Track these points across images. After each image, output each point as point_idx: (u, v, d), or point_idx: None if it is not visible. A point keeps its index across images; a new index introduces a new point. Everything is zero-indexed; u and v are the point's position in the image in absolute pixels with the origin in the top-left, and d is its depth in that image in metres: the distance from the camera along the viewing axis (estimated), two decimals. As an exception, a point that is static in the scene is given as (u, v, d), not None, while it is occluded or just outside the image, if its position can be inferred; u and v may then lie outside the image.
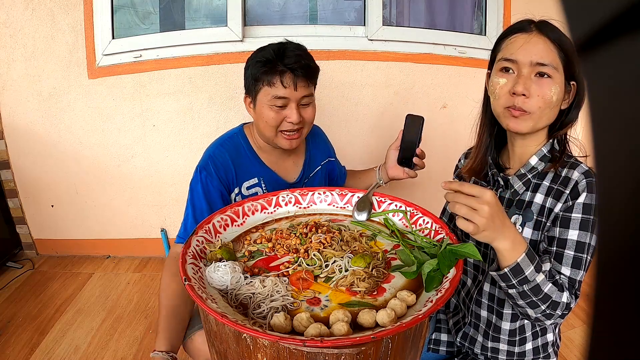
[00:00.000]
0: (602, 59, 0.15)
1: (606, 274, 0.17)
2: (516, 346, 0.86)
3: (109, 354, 1.53)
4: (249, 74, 1.00)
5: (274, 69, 0.95)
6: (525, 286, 0.69)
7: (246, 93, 1.04)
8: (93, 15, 1.84)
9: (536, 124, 0.77)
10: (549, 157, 0.80)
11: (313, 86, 1.04)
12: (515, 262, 0.68)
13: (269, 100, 0.97)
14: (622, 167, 0.15)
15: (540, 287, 0.69)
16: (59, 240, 2.21)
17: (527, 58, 0.74)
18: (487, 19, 2.03)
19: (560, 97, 0.75)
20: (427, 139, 2.12)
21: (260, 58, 0.98)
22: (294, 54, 0.97)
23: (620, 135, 0.15)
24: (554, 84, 0.74)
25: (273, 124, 0.99)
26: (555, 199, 0.76)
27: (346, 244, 0.82)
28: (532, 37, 0.75)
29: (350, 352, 0.54)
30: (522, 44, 0.76)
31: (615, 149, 0.15)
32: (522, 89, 0.75)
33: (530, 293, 0.69)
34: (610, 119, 0.15)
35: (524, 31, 0.76)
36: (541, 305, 0.70)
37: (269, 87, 0.96)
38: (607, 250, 0.17)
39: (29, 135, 2.00)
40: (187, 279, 0.64)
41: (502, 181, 0.85)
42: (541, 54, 0.74)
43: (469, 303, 0.92)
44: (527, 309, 0.72)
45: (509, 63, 0.77)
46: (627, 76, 0.14)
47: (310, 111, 1.04)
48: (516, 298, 0.71)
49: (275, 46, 0.99)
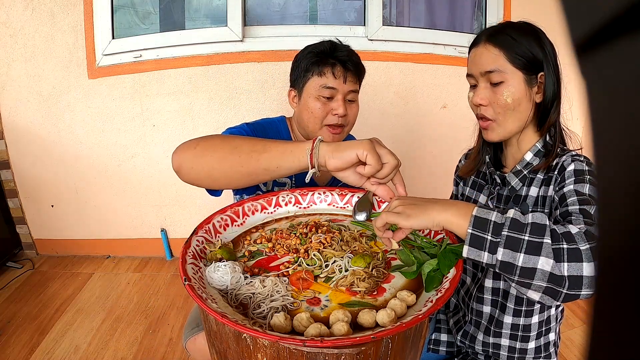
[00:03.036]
0: (602, 59, 0.15)
1: (606, 274, 0.17)
2: (518, 342, 0.86)
3: (109, 354, 1.53)
4: (300, 65, 1.01)
5: (325, 60, 0.98)
6: (504, 231, 0.57)
7: (292, 86, 1.06)
8: (93, 15, 1.84)
9: (504, 129, 0.80)
10: (544, 152, 0.81)
11: (359, 84, 1.05)
12: (472, 216, 0.59)
13: (317, 90, 0.98)
14: (622, 167, 0.15)
15: (520, 220, 0.57)
16: (59, 240, 2.21)
17: (477, 70, 0.79)
18: (487, 19, 2.03)
19: (519, 95, 0.77)
20: (427, 139, 2.14)
21: (313, 49, 1.00)
22: (346, 49, 1.01)
23: (621, 135, 0.15)
24: (506, 87, 0.76)
25: (319, 114, 0.99)
26: (547, 186, 0.78)
27: (346, 244, 0.82)
28: (478, 49, 0.79)
29: (350, 352, 0.54)
30: (472, 58, 0.81)
31: (615, 149, 0.15)
32: (478, 99, 0.80)
33: (514, 232, 0.56)
34: (610, 119, 0.15)
35: (475, 45, 0.81)
36: (539, 238, 0.55)
37: (319, 76, 0.98)
38: (607, 250, 0.17)
39: (29, 135, 2.00)
40: (187, 279, 0.64)
41: (499, 179, 0.87)
42: (487, 62, 0.77)
43: (469, 301, 0.92)
44: (528, 265, 0.55)
45: (470, 78, 0.83)
46: (627, 76, 0.14)
47: (355, 109, 1.04)
48: (509, 259, 0.56)
49: (327, 42, 1.02)
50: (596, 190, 0.16)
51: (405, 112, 2.07)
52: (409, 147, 2.12)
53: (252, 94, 1.96)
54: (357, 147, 0.68)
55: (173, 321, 1.72)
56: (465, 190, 0.98)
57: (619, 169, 0.15)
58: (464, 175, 0.97)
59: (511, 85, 0.76)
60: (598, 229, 0.17)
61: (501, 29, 0.78)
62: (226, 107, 1.98)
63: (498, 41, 0.76)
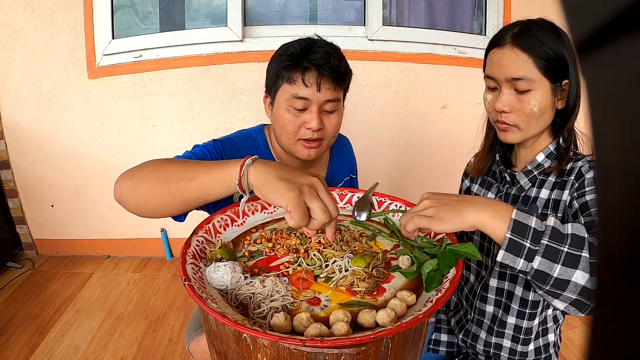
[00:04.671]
0: (602, 59, 0.15)
1: (606, 274, 0.17)
2: (519, 344, 0.86)
3: (109, 354, 1.53)
4: (272, 69, 0.88)
5: (296, 65, 0.82)
6: (543, 239, 0.55)
7: (266, 92, 0.93)
8: (93, 15, 1.84)
9: (525, 134, 0.78)
10: (556, 155, 0.80)
11: (341, 91, 0.91)
12: (512, 219, 0.56)
13: (287, 99, 0.85)
14: (623, 167, 0.15)
15: (560, 230, 0.55)
16: (59, 240, 2.21)
17: (502, 75, 0.75)
18: (487, 19, 2.03)
19: (545, 104, 0.74)
20: (427, 139, 2.14)
21: (284, 52, 0.86)
22: (323, 50, 0.83)
23: (621, 135, 0.15)
24: (533, 96, 0.73)
25: (290, 128, 0.86)
26: (560, 190, 0.76)
27: (346, 244, 0.82)
28: (504, 52, 0.74)
29: (350, 352, 0.54)
30: (497, 60, 0.76)
31: (615, 149, 0.15)
32: (501, 106, 0.76)
33: (554, 242, 0.54)
34: (610, 119, 0.15)
35: (499, 45, 0.76)
36: (578, 251, 0.54)
37: (289, 84, 0.83)
38: (608, 250, 0.17)
39: (29, 135, 2.00)
40: (187, 279, 0.64)
41: (508, 177, 0.86)
42: (514, 68, 0.73)
43: (472, 300, 0.92)
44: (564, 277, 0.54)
45: (490, 81, 0.79)
46: (627, 76, 0.14)
47: (335, 120, 0.89)
48: (544, 269, 0.55)
49: (302, 40, 0.87)
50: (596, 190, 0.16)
51: (405, 112, 2.07)
52: (409, 147, 2.12)
53: (252, 94, 1.96)
54: (282, 198, 0.59)
55: (173, 321, 1.72)
56: (474, 187, 0.97)
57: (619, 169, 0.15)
58: (474, 175, 0.95)
59: (539, 95, 0.73)
60: (598, 229, 0.17)
61: (527, 29, 0.73)
62: (226, 107, 1.98)
63: (526, 45, 0.72)
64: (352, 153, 1.18)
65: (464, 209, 0.60)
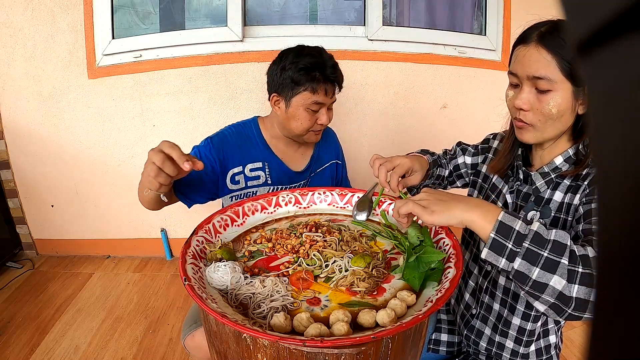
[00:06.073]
0: (602, 59, 0.15)
1: (606, 274, 0.17)
2: (522, 346, 0.86)
3: (109, 354, 1.53)
4: (287, 76, 1.06)
5: (318, 79, 1.05)
6: (525, 242, 0.59)
7: (276, 92, 1.10)
8: (93, 15, 1.84)
9: (541, 135, 0.77)
10: (574, 160, 0.78)
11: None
12: (497, 221, 0.61)
13: (308, 104, 1.07)
14: (623, 167, 0.15)
15: (543, 236, 0.59)
16: (59, 240, 2.21)
17: (524, 72, 0.74)
18: (487, 19, 2.03)
19: (565, 107, 0.73)
20: (427, 138, 2.13)
21: (303, 65, 1.05)
22: (331, 65, 1.07)
23: (621, 135, 0.15)
24: (552, 97, 0.72)
25: (307, 125, 1.10)
26: (573, 194, 0.76)
27: (346, 244, 0.82)
28: (529, 50, 0.73)
29: (350, 352, 0.54)
30: (521, 57, 0.75)
31: (615, 149, 0.15)
32: (520, 104, 0.75)
33: (535, 246, 0.58)
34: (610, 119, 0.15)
35: (524, 42, 0.75)
36: (557, 257, 0.57)
37: (312, 93, 1.06)
38: (608, 250, 0.17)
39: (29, 135, 2.00)
40: (187, 279, 0.64)
41: (522, 174, 0.85)
42: (536, 67, 0.72)
43: (479, 294, 0.91)
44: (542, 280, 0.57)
45: (513, 77, 0.78)
46: (627, 76, 0.14)
47: (332, 113, 1.15)
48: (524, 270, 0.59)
49: (314, 55, 1.07)
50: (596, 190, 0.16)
51: (405, 112, 2.07)
52: (409, 147, 2.11)
53: (252, 94, 1.96)
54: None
55: (173, 321, 1.72)
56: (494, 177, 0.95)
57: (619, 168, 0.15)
58: (493, 173, 0.93)
59: (558, 96, 0.72)
60: (598, 229, 0.17)
61: (555, 29, 0.72)
62: (226, 107, 1.98)
63: (551, 45, 0.70)
64: (337, 142, 1.36)
65: (455, 207, 0.65)
